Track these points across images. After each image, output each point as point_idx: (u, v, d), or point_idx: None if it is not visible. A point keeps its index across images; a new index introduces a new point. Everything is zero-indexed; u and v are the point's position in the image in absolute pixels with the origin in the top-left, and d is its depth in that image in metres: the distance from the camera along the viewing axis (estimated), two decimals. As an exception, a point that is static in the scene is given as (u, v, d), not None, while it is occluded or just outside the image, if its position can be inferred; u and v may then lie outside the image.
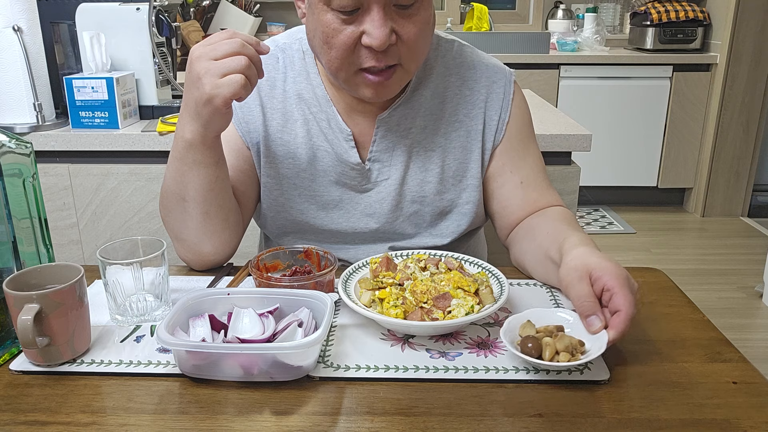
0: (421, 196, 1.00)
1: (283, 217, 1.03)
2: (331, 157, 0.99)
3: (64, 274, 0.73)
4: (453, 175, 1.00)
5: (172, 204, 0.94)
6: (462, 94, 0.99)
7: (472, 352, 0.75)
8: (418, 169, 0.99)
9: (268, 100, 1.00)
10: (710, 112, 3.53)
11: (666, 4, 3.59)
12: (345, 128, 0.97)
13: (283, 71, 1.00)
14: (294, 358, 0.69)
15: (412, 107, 0.98)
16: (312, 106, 0.99)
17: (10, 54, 1.47)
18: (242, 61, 0.80)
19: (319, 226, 1.03)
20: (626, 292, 0.72)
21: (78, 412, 0.65)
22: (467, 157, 1.00)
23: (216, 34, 0.83)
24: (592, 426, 0.63)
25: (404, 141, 0.98)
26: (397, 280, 0.82)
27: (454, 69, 1.00)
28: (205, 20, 3.48)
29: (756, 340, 2.40)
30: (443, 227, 1.02)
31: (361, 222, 1.02)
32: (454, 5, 4.00)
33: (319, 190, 1.01)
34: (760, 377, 0.71)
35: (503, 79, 1.01)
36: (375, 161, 0.99)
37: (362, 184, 1.00)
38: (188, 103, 0.85)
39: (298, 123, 0.99)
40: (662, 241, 3.35)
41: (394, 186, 0.99)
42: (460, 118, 0.99)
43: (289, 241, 1.05)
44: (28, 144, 0.78)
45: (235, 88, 0.80)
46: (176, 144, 0.89)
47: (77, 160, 1.54)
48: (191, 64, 0.82)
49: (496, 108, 0.99)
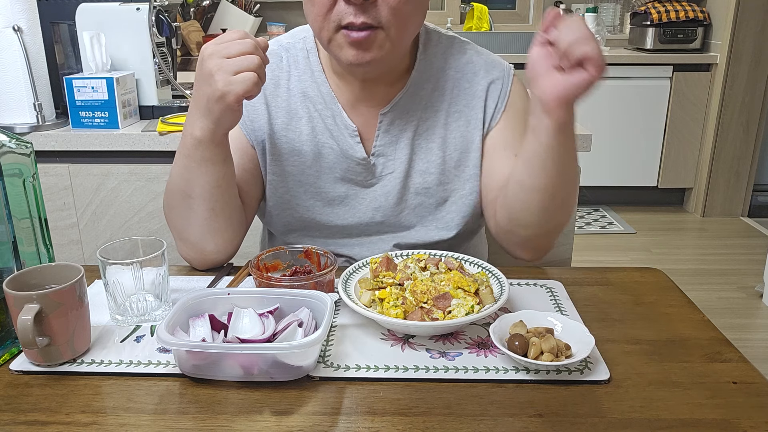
0: (425, 187, 1.01)
1: (288, 214, 1.04)
2: (336, 153, 1.00)
3: (64, 274, 0.73)
4: (455, 165, 1.01)
5: (177, 201, 0.94)
6: (461, 87, 1.01)
7: (472, 352, 0.75)
8: (421, 161, 1.00)
9: (273, 99, 1.01)
10: (710, 112, 3.53)
11: (666, 4, 3.59)
12: (350, 124, 0.98)
13: (287, 70, 1.01)
14: (294, 358, 0.69)
15: (414, 100, 0.99)
16: (317, 104, 0.99)
17: (10, 54, 1.47)
18: (255, 60, 0.81)
19: (325, 222, 1.03)
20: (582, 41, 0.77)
21: (78, 412, 0.65)
22: (468, 146, 1.01)
23: (228, 33, 0.84)
24: (592, 426, 0.63)
25: (406, 134, 1.00)
26: (397, 280, 0.82)
27: (453, 63, 1.02)
28: (205, 20, 3.48)
29: (756, 340, 2.40)
30: (447, 218, 1.03)
31: (366, 216, 1.02)
32: (454, 5, 4.00)
33: (324, 186, 1.01)
34: (760, 377, 0.71)
35: (502, 72, 1.03)
36: (379, 155, 1.00)
37: (367, 179, 1.01)
38: (199, 100, 0.86)
39: (302, 120, 1.00)
40: (662, 241, 3.35)
41: (399, 179, 1.00)
42: (460, 108, 1.01)
43: (295, 238, 1.06)
44: (29, 144, 0.78)
45: (248, 85, 0.81)
46: (184, 141, 0.90)
47: (77, 160, 1.54)
48: (203, 61, 0.83)
49: (494, 98, 1.01)
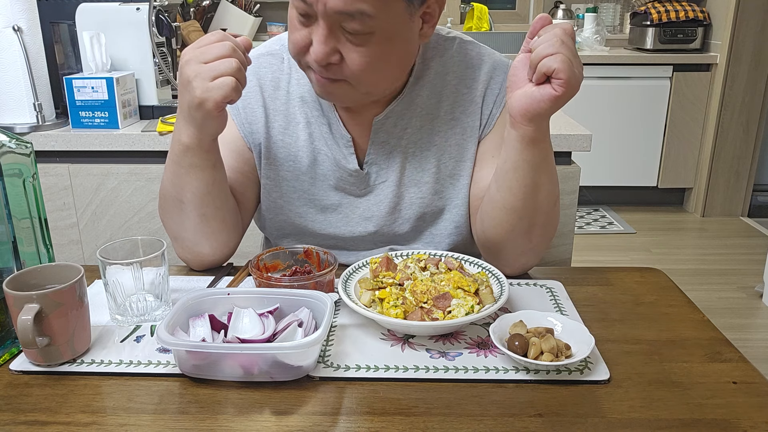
0: (419, 197, 0.99)
1: (281, 219, 1.03)
2: (330, 161, 0.98)
3: (64, 274, 0.73)
4: (450, 174, 0.99)
5: (169, 206, 0.93)
6: (459, 92, 0.98)
7: (472, 352, 0.75)
8: (414, 170, 0.99)
9: (271, 102, 0.99)
10: (710, 112, 3.53)
11: (666, 4, 3.59)
12: (345, 134, 0.96)
13: (287, 72, 1.00)
14: (294, 358, 0.69)
15: (409, 108, 0.97)
16: (314, 110, 0.98)
17: (10, 54, 1.47)
18: (232, 64, 0.79)
19: (318, 230, 1.02)
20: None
21: (78, 412, 0.65)
22: (463, 155, 0.99)
23: (206, 36, 0.82)
24: (592, 426, 0.63)
25: (401, 142, 0.98)
26: (397, 280, 0.82)
27: (452, 67, 0.98)
28: (205, 20, 3.48)
29: (756, 340, 2.40)
30: (441, 227, 1.02)
31: (359, 226, 1.01)
32: (454, 5, 4.00)
33: (318, 194, 1.00)
34: (760, 377, 0.71)
35: (502, 74, 0.99)
36: (372, 164, 0.98)
37: (360, 188, 1.00)
38: (182, 107, 0.85)
39: (300, 126, 0.99)
40: (662, 241, 3.35)
41: (392, 188, 0.99)
42: (456, 115, 0.98)
43: (288, 243, 1.05)
44: (29, 144, 0.78)
45: (226, 91, 0.79)
46: (173, 147, 0.89)
47: (77, 160, 1.54)
48: (182, 67, 0.82)
49: (489, 104, 0.98)
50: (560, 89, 0.76)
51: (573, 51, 0.76)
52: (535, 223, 0.89)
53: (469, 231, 1.03)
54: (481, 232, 0.95)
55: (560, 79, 0.75)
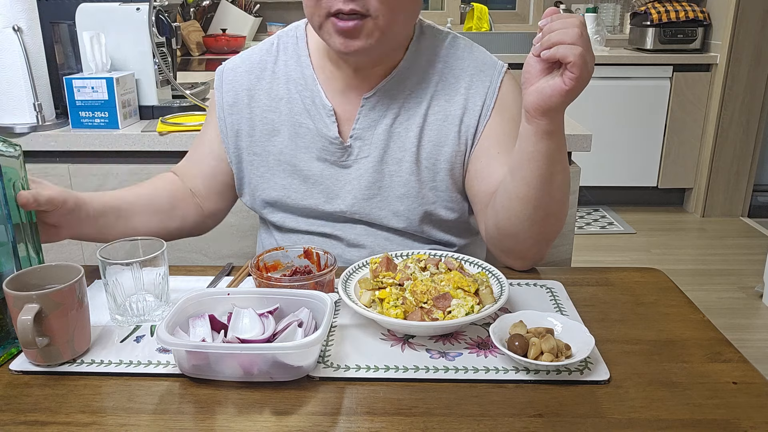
0: (398, 175, 1.01)
1: (267, 193, 1.06)
2: (312, 132, 1.02)
3: (64, 274, 0.73)
4: (426, 157, 1.01)
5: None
6: (446, 81, 1.01)
7: (472, 352, 0.75)
8: (397, 149, 1.01)
9: (257, 82, 1.05)
10: (710, 112, 3.53)
11: (666, 4, 3.59)
12: (327, 104, 1.00)
13: (275, 54, 1.06)
14: (294, 358, 0.69)
15: (398, 88, 1.01)
16: (298, 85, 1.03)
17: (10, 54, 1.47)
18: None
19: (300, 202, 1.05)
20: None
21: (78, 412, 0.65)
22: (442, 141, 1.01)
23: None
24: (592, 426, 0.63)
25: (386, 120, 1.01)
26: (397, 280, 0.82)
27: (442, 57, 1.02)
28: (205, 20, 3.48)
29: (756, 341, 2.40)
30: (410, 208, 1.02)
31: (338, 198, 1.03)
32: (454, 5, 4.00)
33: (300, 164, 1.03)
34: (760, 377, 0.71)
35: (491, 69, 1.02)
36: (357, 138, 1.01)
37: (342, 160, 1.02)
38: None
39: (282, 101, 1.04)
40: (662, 242, 3.35)
41: (373, 163, 1.01)
42: (441, 102, 1.01)
43: (269, 213, 1.08)
44: (17, 146, 0.77)
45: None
46: None
47: (77, 160, 1.54)
48: None
49: (480, 94, 1.00)
50: (570, 83, 0.77)
51: (589, 46, 0.77)
52: (549, 213, 0.91)
53: (449, 218, 1.04)
54: (494, 224, 0.96)
55: (573, 74, 0.76)
